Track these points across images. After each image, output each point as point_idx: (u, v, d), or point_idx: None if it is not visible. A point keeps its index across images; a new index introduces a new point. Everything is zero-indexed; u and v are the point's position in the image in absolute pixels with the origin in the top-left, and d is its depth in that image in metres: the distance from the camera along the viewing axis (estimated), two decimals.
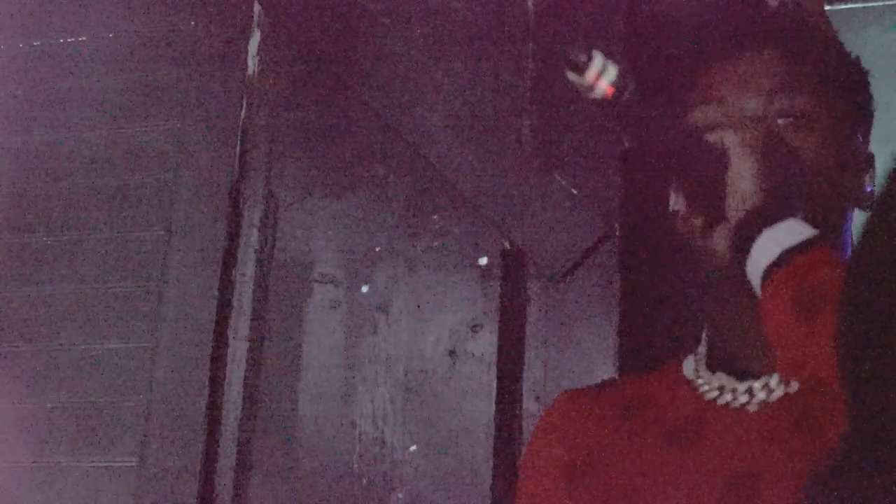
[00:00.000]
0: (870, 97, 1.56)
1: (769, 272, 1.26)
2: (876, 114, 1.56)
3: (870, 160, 1.55)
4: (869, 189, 1.53)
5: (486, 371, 2.17)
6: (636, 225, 2.18)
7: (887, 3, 2.60)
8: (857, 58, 1.56)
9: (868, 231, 0.86)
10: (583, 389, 1.65)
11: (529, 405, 2.14)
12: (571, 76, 1.24)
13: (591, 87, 1.24)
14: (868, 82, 1.56)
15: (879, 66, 1.63)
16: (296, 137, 2.37)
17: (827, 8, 2.30)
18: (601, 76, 1.23)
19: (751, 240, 1.29)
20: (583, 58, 1.22)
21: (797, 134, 1.44)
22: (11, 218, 2.47)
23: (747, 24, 1.58)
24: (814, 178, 1.42)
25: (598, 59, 1.23)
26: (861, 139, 1.54)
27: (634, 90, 1.25)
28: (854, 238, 1.47)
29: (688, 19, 2.19)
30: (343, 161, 2.33)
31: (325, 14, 2.41)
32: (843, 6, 2.61)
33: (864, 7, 2.68)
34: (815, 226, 1.30)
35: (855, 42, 1.66)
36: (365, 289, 2.26)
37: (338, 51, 2.38)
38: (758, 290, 1.28)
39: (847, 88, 1.52)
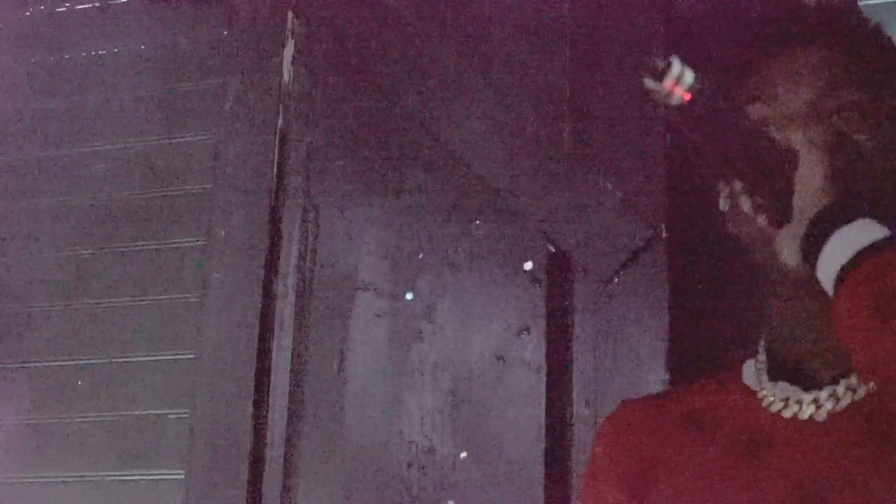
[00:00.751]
0: None
1: (844, 273, 1.24)
2: None
3: None
4: None
5: (534, 376, 2.15)
6: (683, 226, 2.17)
7: None
8: None
9: None
10: (644, 398, 1.62)
11: (580, 409, 2.13)
12: (649, 83, 1.22)
13: (669, 94, 1.22)
14: None
15: None
16: (335, 145, 2.36)
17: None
18: (679, 82, 1.22)
19: (823, 240, 1.27)
20: (661, 64, 1.21)
21: (859, 129, 1.42)
22: (54, 232, 2.45)
23: (792, 20, 1.56)
24: (880, 174, 1.41)
25: (676, 66, 1.21)
26: None
27: (711, 95, 1.24)
28: None
29: (728, 20, 2.19)
30: (383, 168, 2.32)
31: (360, 21, 2.40)
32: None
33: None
34: (886, 225, 1.29)
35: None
36: (409, 296, 2.25)
37: (374, 58, 2.37)
38: (830, 291, 1.27)
39: None
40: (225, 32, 2.47)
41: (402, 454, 2.19)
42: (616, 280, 2.15)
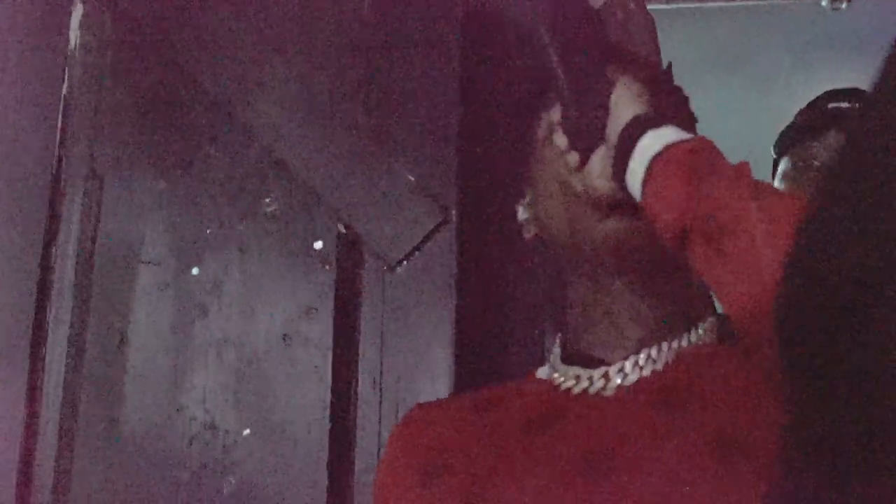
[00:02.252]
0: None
1: (655, 159, 1.29)
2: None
3: None
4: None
5: (320, 355, 2.15)
6: (474, 211, 2.20)
7: (700, 5, 2.72)
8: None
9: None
10: (435, 401, 1.67)
11: (365, 390, 2.14)
12: None
13: None
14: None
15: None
16: (122, 115, 2.30)
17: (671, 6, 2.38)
18: None
19: (633, 145, 1.32)
20: None
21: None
22: None
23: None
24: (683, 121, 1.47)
25: None
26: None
27: None
28: None
29: None
30: (172, 141, 2.28)
31: None
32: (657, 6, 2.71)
33: (672, 8, 2.79)
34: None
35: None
36: (195, 271, 2.22)
37: (167, 27, 2.32)
38: (637, 193, 1.31)
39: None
40: None
41: (184, 431, 2.16)
42: (405, 263, 2.17)
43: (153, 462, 2.16)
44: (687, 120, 1.54)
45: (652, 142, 1.31)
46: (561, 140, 1.43)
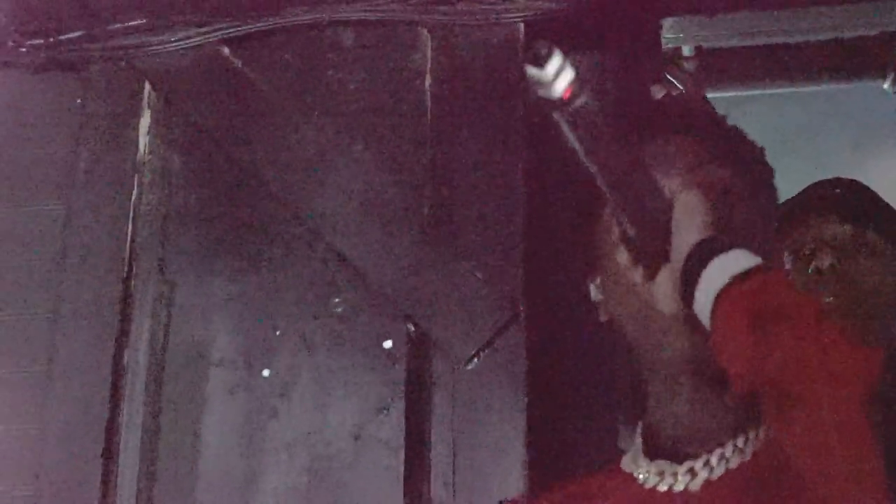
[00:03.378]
0: (773, 179, 1.61)
1: (720, 296, 1.27)
2: None
3: None
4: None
5: (392, 455, 2.14)
6: (542, 307, 2.19)
7: (766, 91, 2.73)
8: (754, 143, 1.61)
9: None
10: (519, 499, 1.65)
11: (437, 490, 2.12)
12: (532, 70, 1.22)
13: (550, 84, 1.23)
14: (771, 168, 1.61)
15: None
16: (190, 218, 2.32)
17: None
18: (560, 75, 1.23)
19: (699, 272, 1.30)
20: (544, 51, 1.21)
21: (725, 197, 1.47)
22: None
23: (654, 112, 1.62)
24: (750, 236, 1.45)
25: (558, 57, 1.23)
26: (774, 219, 1.59)
27: (588, 102, 1.25)
28: None
29: None
30: (240, 243, 2.29)
31: (218, 93, 2.38)
32: (722, 94, 2.72)
33: (739, 95, 2.80)
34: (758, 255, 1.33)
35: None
36: (265, 373, 2.22)
37: (233, 130, 2.35)
38: (706, 321, 1.29)
39: (757, 169, 1.56)
40: (78, 101, 2.42)
41: None
42: (475, 360, 2.16)
43: None
44: (763, 218, 1.52)
45: (717, 273, 1.29)
46: (623, 257, 1.41)
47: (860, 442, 1.15)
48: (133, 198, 2.34)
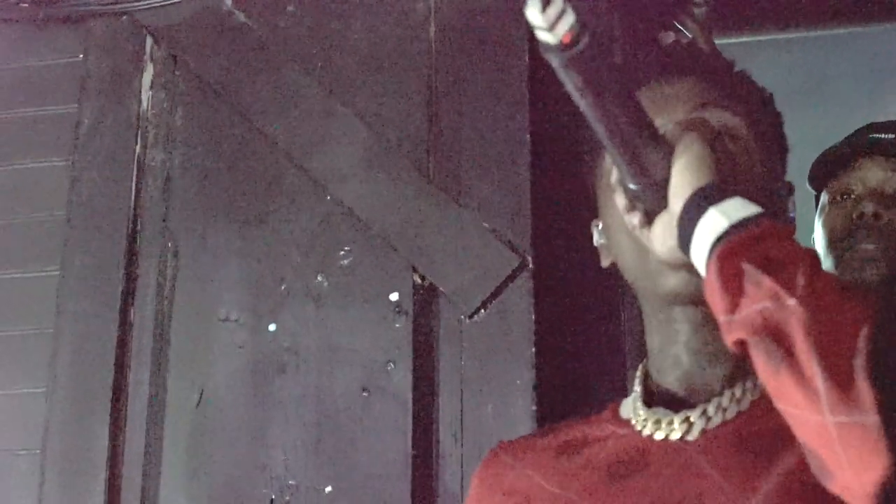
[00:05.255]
0: (782, 126, 1.58)
1: (716, 245, 1.25)
2: None
3: (790, 188, 1.58)
4: (791, 215, 1.55)
5: (400, 408, 2.13)
6: (549, 256, 2.17)
7: (775, 36, 2.69)
8: (762, 88, 1.58)
9: None
10: (516, 440, 1.63)
11: (446, 442, 2.11)
12: (531, 13, 1.19)
13: (551, 28, 1.20)
14: (779, 114, 1.58)
15: None
16: (194, 173, 2.31)
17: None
18: (561, 18, 1.20)
19: (697, 218, 1.28)
20: None
21: (731, 141, 1.45)
22: None
23: (661, 56, 1.59)
24: (750, 183, 1.43)
25: (559, 1, 1.20)
26: (781, 167, 1.57)
27: (589, 43, 1.23)
28: None
29: None
30: (245, 197, 2.28)
31: (221, 46, 2.36)
32: (731, 40, 2.68)
33: (750, 41, 2.76)
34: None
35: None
36: (272, 327, 2.21)
37: (236, 84, 2.33)
38: (702, 270, 1.27)
39: (765, 114, 1.54)
40: (80, 56, 2.40)
41: (266, 489, 2.14)
42: (483, 311, 2.14)
43: None
44: (769, 164, 1.50)
45: (715, 222, 1.27)
46: (621, 201, 1.39)
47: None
48: (137, 153, 2.33)
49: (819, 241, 2.30)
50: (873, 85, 3.54)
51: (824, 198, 2.31)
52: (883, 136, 2.26)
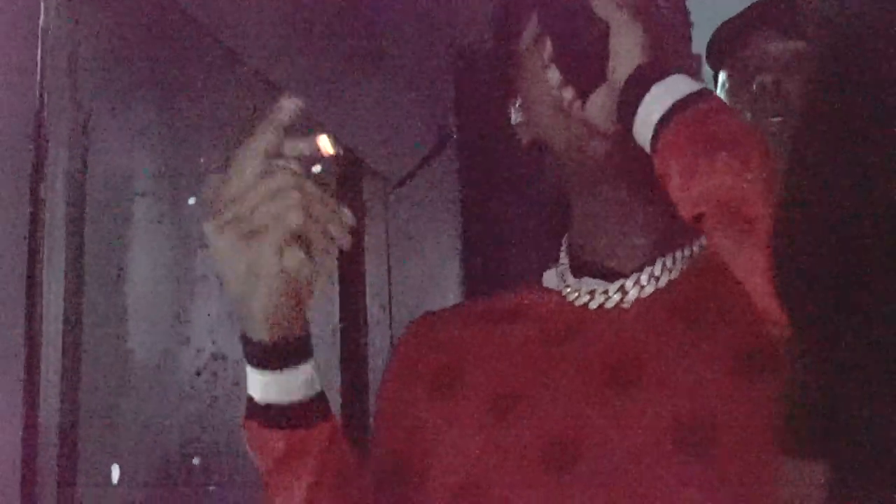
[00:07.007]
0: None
1: (664, 121, 1.32)
2: None
3: (699, 60, 1.64)
4: (696, 53, 1.61)
5: (327, 280, 2.14)
6: (473, 128, 2.19)
7: None
8: None
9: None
10: (443, 309, 1.66)
11: (374, 312, 2.16)
12: None
13: None
14: None
15: None
16: (104, 44, 2.15)
17: None
18: None
19: (640, 96, 1.35)
20: None
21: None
22: None
23: None
24: (670, 40, 1.50)
25: None
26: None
27: None
28: None
29: None
30: (159, 69, 2.16)
31: None
32: None
33: None
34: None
35: None
36: (191, 200, 2.16)
37: None
38: (647, 146, 1.34)
39: None
40: None
41: (191, 362, 2.14)
42: (408, 182, 2.16)
43: (162, 396, 2.14)
44: (680, 41, 1.55)
45: (659, 98, 1.32)
46: (554, 76, 1.43)
47: None
48: (41, 23, 2.17)
49: None
50: None
51: (722, 76, 2.36)
52: (772, 7, 2.31)
